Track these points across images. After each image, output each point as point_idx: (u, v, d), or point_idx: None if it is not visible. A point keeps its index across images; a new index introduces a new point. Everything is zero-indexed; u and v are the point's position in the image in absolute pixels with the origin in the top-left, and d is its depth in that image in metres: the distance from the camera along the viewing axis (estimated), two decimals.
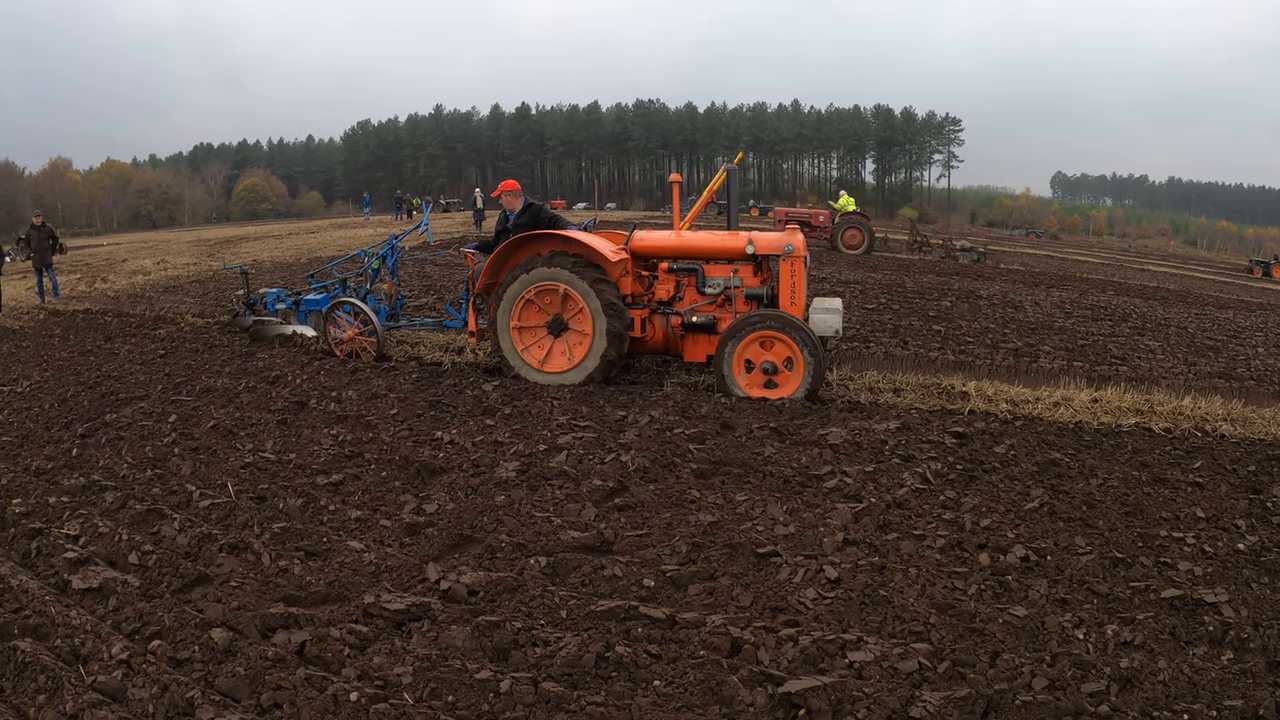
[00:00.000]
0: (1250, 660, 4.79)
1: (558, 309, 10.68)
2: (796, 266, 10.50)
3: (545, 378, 10.71)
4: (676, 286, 11.10)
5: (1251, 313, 26.77)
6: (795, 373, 10.10)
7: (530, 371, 10.81)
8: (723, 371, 10.22)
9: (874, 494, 7.05)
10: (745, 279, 10.90)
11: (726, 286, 10.86)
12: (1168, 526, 6.67)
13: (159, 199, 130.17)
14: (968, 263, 34.70)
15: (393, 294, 13.08)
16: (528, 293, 10.62)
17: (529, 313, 10.78)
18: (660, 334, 11.04)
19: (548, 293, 10.63)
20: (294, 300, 13.87)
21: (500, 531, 6.41)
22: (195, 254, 34.63)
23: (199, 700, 4.32)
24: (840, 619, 5.18)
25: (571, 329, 10.69)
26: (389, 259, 13.27)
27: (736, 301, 10.82)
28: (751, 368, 10.23)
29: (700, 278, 10.91)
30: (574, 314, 10.61)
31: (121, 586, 5.60)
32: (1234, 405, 11.07)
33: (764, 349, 10.19)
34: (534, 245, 10.80)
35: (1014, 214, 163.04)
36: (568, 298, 10.54)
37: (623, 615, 5.09)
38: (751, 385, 10.20)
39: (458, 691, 4.41)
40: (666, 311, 11.04)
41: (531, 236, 10.80)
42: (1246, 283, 48.15)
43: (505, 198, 11.74)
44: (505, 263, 10.95)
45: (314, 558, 6.06)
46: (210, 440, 8.69)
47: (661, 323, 11.02)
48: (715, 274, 10.96)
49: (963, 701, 4.27)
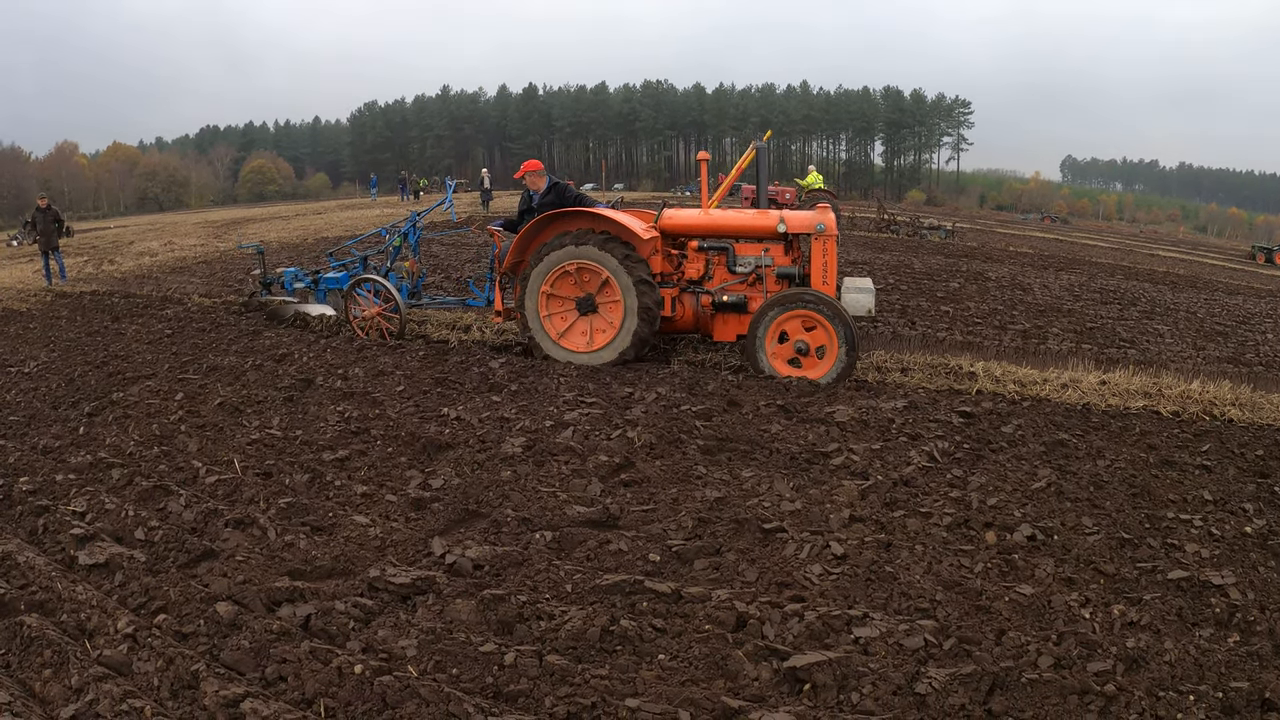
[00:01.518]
0: (1257, 643, 4.77)
1: (587, 288, 10.55)
2: (829, 245, 10.43)
3: (575, 357, 10.61)
4: (706, 265, 11.00)
5: (1261, 299, 26.69)
6: (829, 353, 10.00)
7: (559, 350, 10.70)
8: (755, 350, 10.12)
9: (881, 471, 7.03)
10: (776, 257, 10.80)
11: (758, 265, 10.75)
12: (1175, 508, 6.64)
13: (166, 182, 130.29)
14: (936, 240, 34.77)
15: (415, 272, 12.93)
16: (556, 271, 10.49)
17: (558, 291, 10.65)
18: (690, 313, 10.95)
19: (577, 271, 10.50)
20: (313, 279, 13.71)
21: (506, 506, 6.41)
22: (202, 236, 34.68)
23: (204, 673, 4.33)
24: (846, 595, 5.16)
25: (601, 308, 10.58)
26: (410, 236, 13.12)
27: (768, 280, 10.69)
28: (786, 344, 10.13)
29: (731, 256, 10.81)
30: (604, 292, 10.49)
31: (128, 562, 5.62)
32: (1242, 390, 11.04)
33: (798, 329, 10.08)
34: (562, 223, 10.71)
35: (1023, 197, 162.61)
36: (597, 276, 10.41)
37: (628, 589, 5.08)
38: (783, 364, 10.12)
39: (462, 664, 4.42)
40: (697, 290, 10.93)
41: (559, 214, 10.71)
42: (1256, 270, 48.01)
43: (529, 177, 11.64)
44: (532, 241, 10.84)
45: (320, 532, 6.07)
46: (217, 417, 8.70)
47: (692, 302, 10.93)
48: (746, 252, 10.85)
49: (968, 679, 4.26)
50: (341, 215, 44.58)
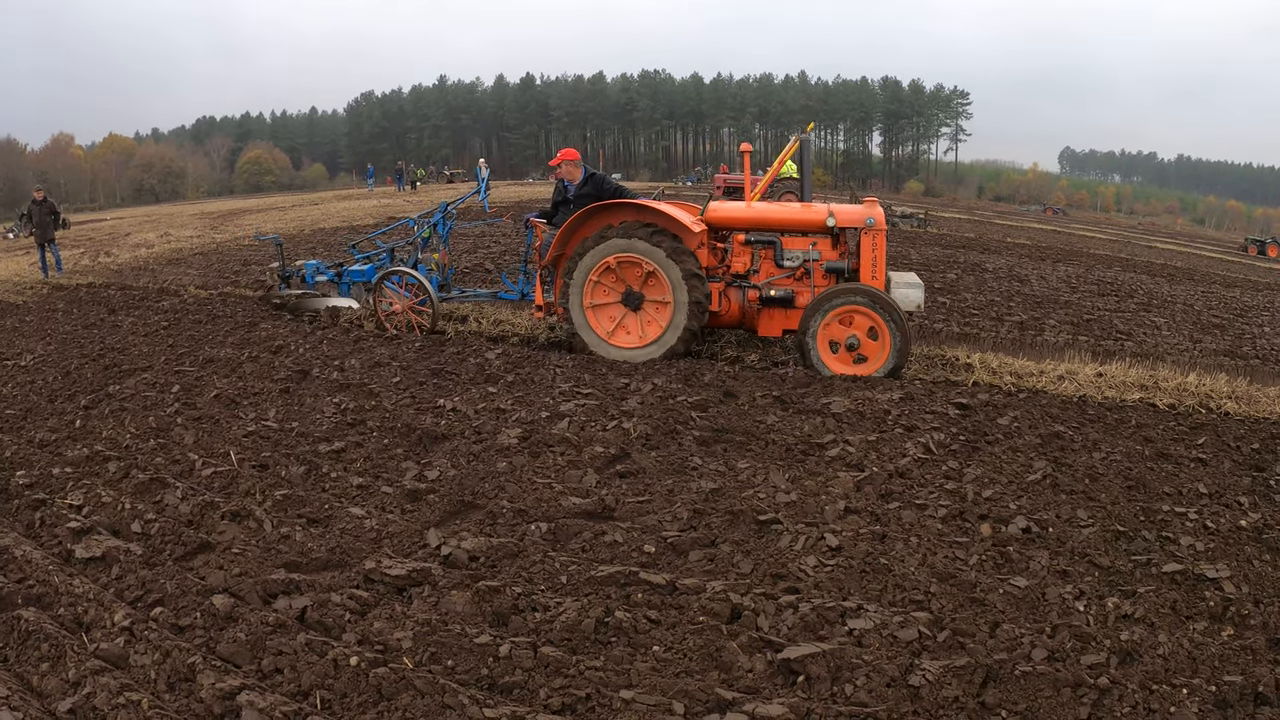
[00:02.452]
0: (1251, 636, 4.78)
1: (633, 282, 10.36)
2: (878, 240, 10.31)
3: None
4: (753, 259, 10.80)
5: (1259, 292, 26.73)
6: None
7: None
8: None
9: (876, 463, 7.04)
10: (823, 252, 10.65)
11: (806, 259, 10.59)
12: (1170, 501, 6.65)
13: (162, 173, 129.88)
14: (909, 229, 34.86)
15: (445, 264, 12.65)
16: (601, 265, 10.28)
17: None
18: (736, 307, 10.75)
19: (624, 265, 10.30)
20: (336, 272, 13.28)
21: (501, 498, 6.42)
22: (198, 227, 34.64)
23: (200, 666, 4.34)
24: (841, 587, 5.18)
25: (648, 303, 10.39)
26: (440, 227, 12.76)
27: (815, 275, 10.54)
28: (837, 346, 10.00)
29: (778, 250, 10.65)
30: (651, 287, 10.31)
31: (124, 555, 5.62)
32: (1239, 383, 11.05)
33: (848, 324, 9.96)
34: (605, 216, 10.45)
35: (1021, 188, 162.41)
36: (645, 270, 10.21)
37: (623, 581, 5.09)
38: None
39: (457, 656, 4.43)
40: (743, 285, 10.74)
41: (603, 207, 10.48)
42: (1253, 262, 48.07)
43: (565, 167, 11.47)
44: (574, 234, 10.59)
45: (315, 524, 6.08)
46: (213, 410, 8.70)
47: (737, 296, 10.73)
48: (793, 246, 10.69)
49: (962, 670, 4.27)
50: (339, 206, 44.52)
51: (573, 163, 11.46)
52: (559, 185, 11.73)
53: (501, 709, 3.99)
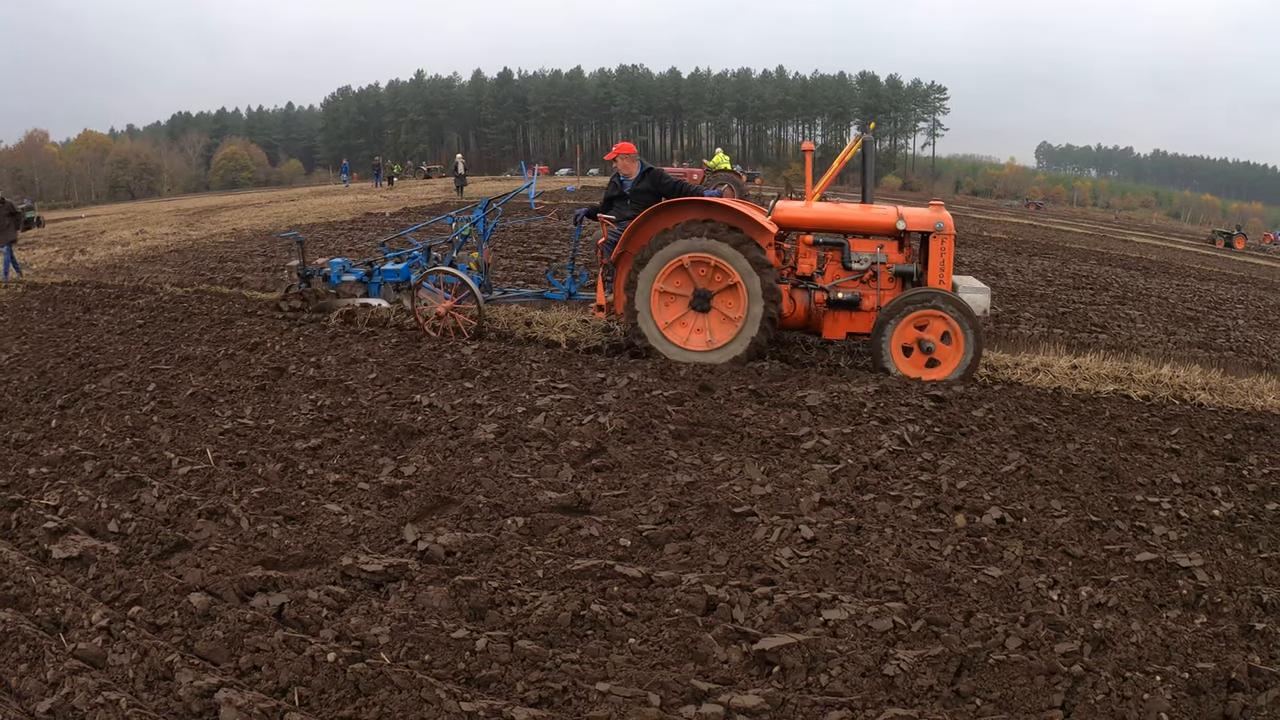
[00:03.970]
0: (1224, 624, 4.84)
1: (703, 283, 10.04)
2: (947, 244, 10.17)
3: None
4: (819, 261, 10.55)
5: (1233, 285, 26.92)
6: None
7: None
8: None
9: (851, 455, 7.07)
10: (890, 255, 10.45)
11: (874, 262, 10.38)
12: (1144, 491, 6.71)
13: (137, 170, 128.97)
14: None
15: (489, 263, 12.20)
16: (671, 265, 9.96)
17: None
18: (802, 310, 10.51)
19: (696, 265, 9.97)
20: (366, 272, 12.73)
21: (478, 493, 6.42)
22: (174, 224, 34.40)
23: (178, 664, 4.34)
24: (816, 578, 5.21)
25: (717, 305, 10.08)
26: (480, 224, 12.25)
27: (882, 278, 10.35)
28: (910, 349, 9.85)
29: (846, 252, 10.42)
30: (723, 289, 10.00)
31: (101, 555, 5.61)
32: (1213, 375, 11.15)
33: (922, 328, 9.80)
34: (671, 214, 10.13)
35: (998, 183, 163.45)
36: (717, 271, 9.91)
37: (599, 574, 5.12)
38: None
39: (434, 650, 4.44)
40: (809, 287, 10.48)
41: (668, 204, 10.14)
42: (1228, 256, 48.39)
43: (621, 161, 11.15)
44: (637, 232, 10.24)
45: (292, 521, 6.08)
46: (189, 408, 8.66)
47: (803, 298, 10.49)
48: (860, 249, 10.46)
49: (936, 660, 4.31)
50: (315, 202, 44.31)
51: (629, 156, 11.16)
52: (613, 179, 11.46)
53: (479, 703, 4.01)
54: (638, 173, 11.14)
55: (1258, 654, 4.59)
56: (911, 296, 9.70)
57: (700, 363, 9.86)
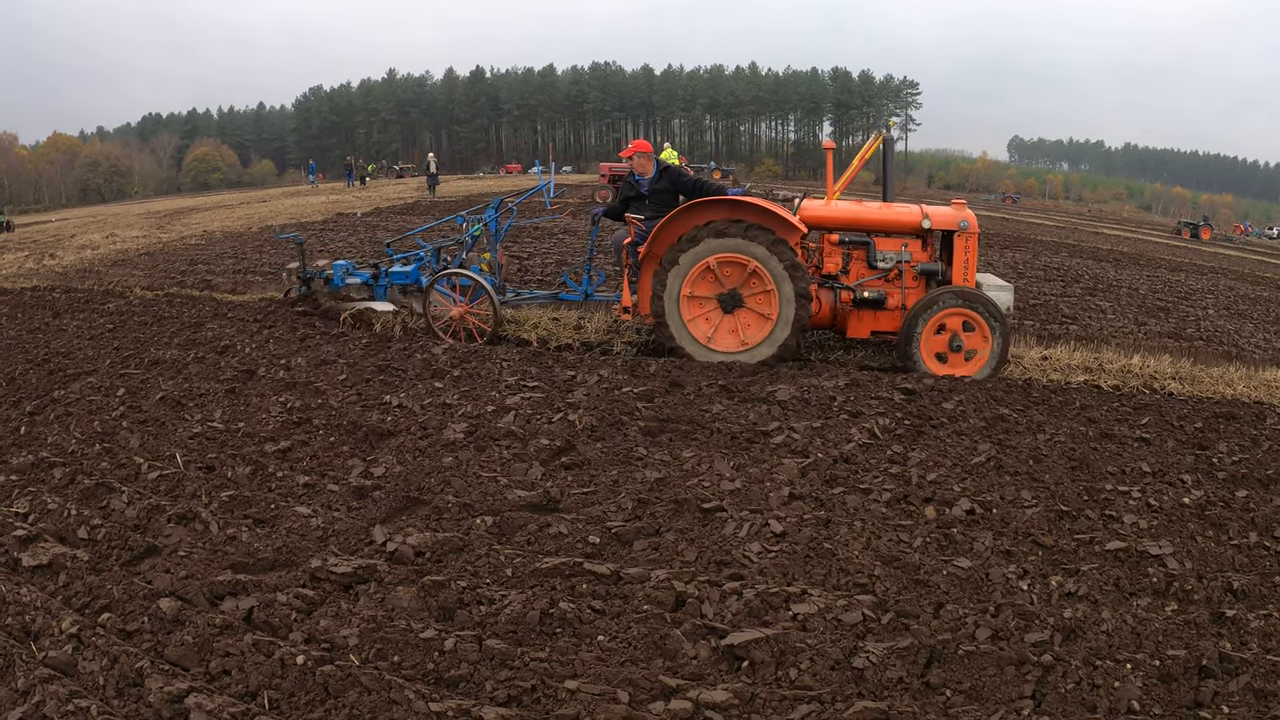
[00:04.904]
0: (1194, 611, 4.87)
1: (731, 283, 9.90)
2: (971, 243, 10.17)
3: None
4: (844, 260, 10.49)
5: (1203, 275, 27.18)
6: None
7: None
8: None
9: (821, 449, 7.08)
10: (914, 253, 10.39)
11: (899, 261, 10.32)
12: (1114, 480, 6.75)
13: (108, 172, 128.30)
14: None
15: (504, 264, 11.83)
16: (703, 265, 9.81)
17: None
18: (827, 308, 10.42)
19: (723, 265, 9.83)
20: (373, 274, 12.25)
21: (447, 492, 6.40)
22: (145, 227, 34.13)
23: (149, 670, 4.31)
24: (785, 572, 5.21)
25: (747, 305, 9.95)
26: (492, 224, 11.97)
27: (906, 277, 10.30)
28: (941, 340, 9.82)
29: (871, 251, 10.36)
30: (753, 290, 9.87)
31: (71, 562, 5.55)
32: (1183, 364, 11.23)
33: (951, 326, 9.77)
34: (697, 213, 10.02)
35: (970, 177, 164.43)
36: (746, 271, 9.79)
37: (567, 572, 5.10)
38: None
39: (403, 651, 4.42)
40: (834, 286, 10.42)
41: (695, 204, 9.98)
42: (1199, 247, 48.81)
43: (637, 159, 11.04)
44: (664, 233, 10.05)
45: (262, 524, 6.03)
46: (159, 412, 8.59)
47: (829, 297, 10.40)
48: (886, 248, 10.40)
49: (905, 652, 4.32)
50: (287, 203, 44.13)
51: (645, 155, 11.05)
52: (628, 179, 11.25)
53: (447, 703, 3.99)
54: (654, 172, 11.02)
55: (1228, 640, 4.62)
56: (940, 295, 9.70)
57: (742, 361, 9.80)
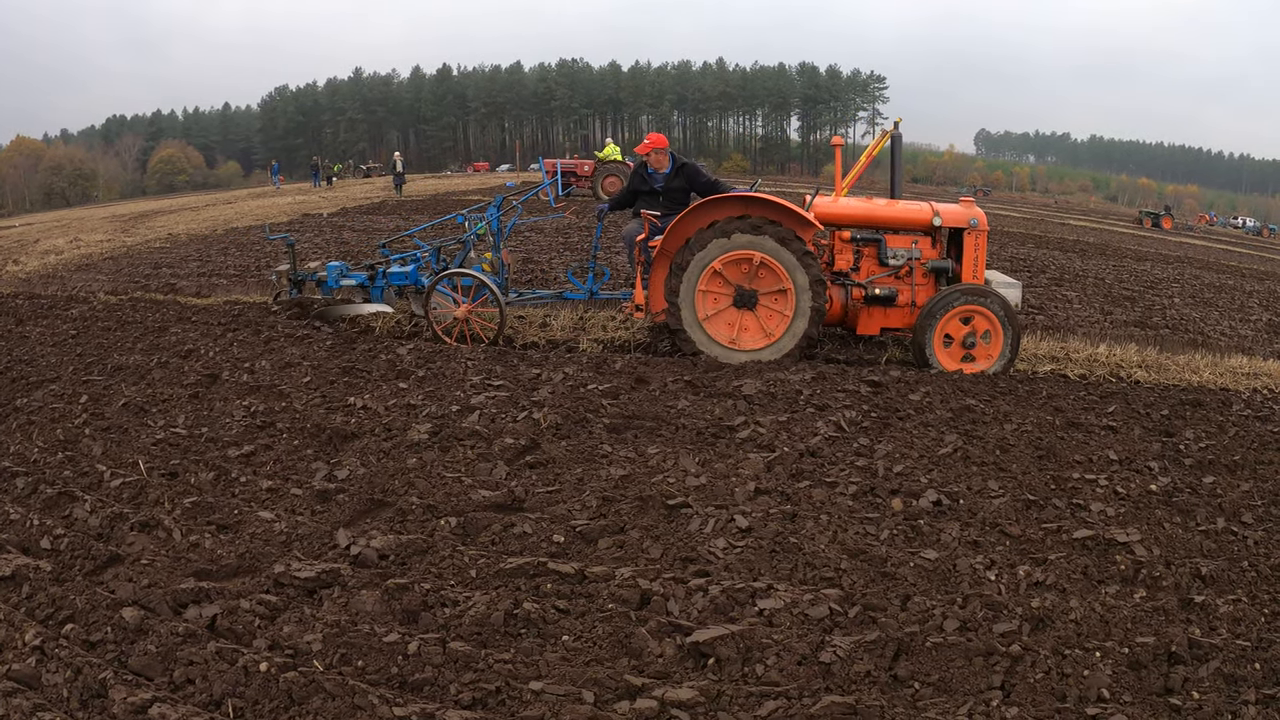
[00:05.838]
0: (1163, 598, 4.90)
1: (746, 280, 9.84)
2: (980, 240, 10.23)
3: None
4: (855, 257, 10.51)
5: (1169, 264, 27.41)
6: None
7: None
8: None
9: (787, 443, 7.08)
10: (924, 250, 10.44)
11: (910, 258, 10.36)
12: (1081, 469, 6.80)
13: (72, 175, 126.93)
14: None
15: (509, 263, 11.73)
16: (721, 261, 9.75)
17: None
18: (839, 306, 10.45)
19: (737, 263, 9.76)
20: (369, 275, 11.94)
21: (411, 494, 6.35)
22: (109, 230, 33.85)
23: (112, 681, 4.25)
24: (751, 568, 5.20)
25: (762, 303, 9.94)
26: (495, 223, 11.71)
27: (916, 274, 10.35)
28: (950, 341, 9.84)
29: (882, 248, 10.39)
30: (768, 287, 9.82)
31: (34, 573, 5.47)
32: (1149, 352, 11.34)
33: (964, 323, 9.79)
34: (711, 211, 9.89)
35: (938, 170, 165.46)
36: (764, 268, 9.73)
37: (532, 572, 5.07)
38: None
39: (367, 656, 4.38)
40: (845, 282, 10.43)
41: (709, 202, 9.90)
42: (1164, 236, 49.24)
43: (654, 155, 10.95)
44: (677, 230, 9.96)
45: (225, 530, 5.97)
46: (122, 419, 8.49)
47: (840, 294, 10.42)
48: (896, 245, 10.43)
49: (873, 645, 4.32)
50: (252, 204, 43.87)
51: (662, 150, 10.98)
52: (638, 172, 11.19)
53: (411, 707, 3.96)
54: (669, 167, 10.96)
55: (1197, 626, 4.64)
56: (953, 292, 9.73)
57: (751, 360, 9.75)
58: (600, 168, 36.83)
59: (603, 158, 37.92)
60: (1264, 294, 21.98)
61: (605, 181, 36.17)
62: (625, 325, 11.71)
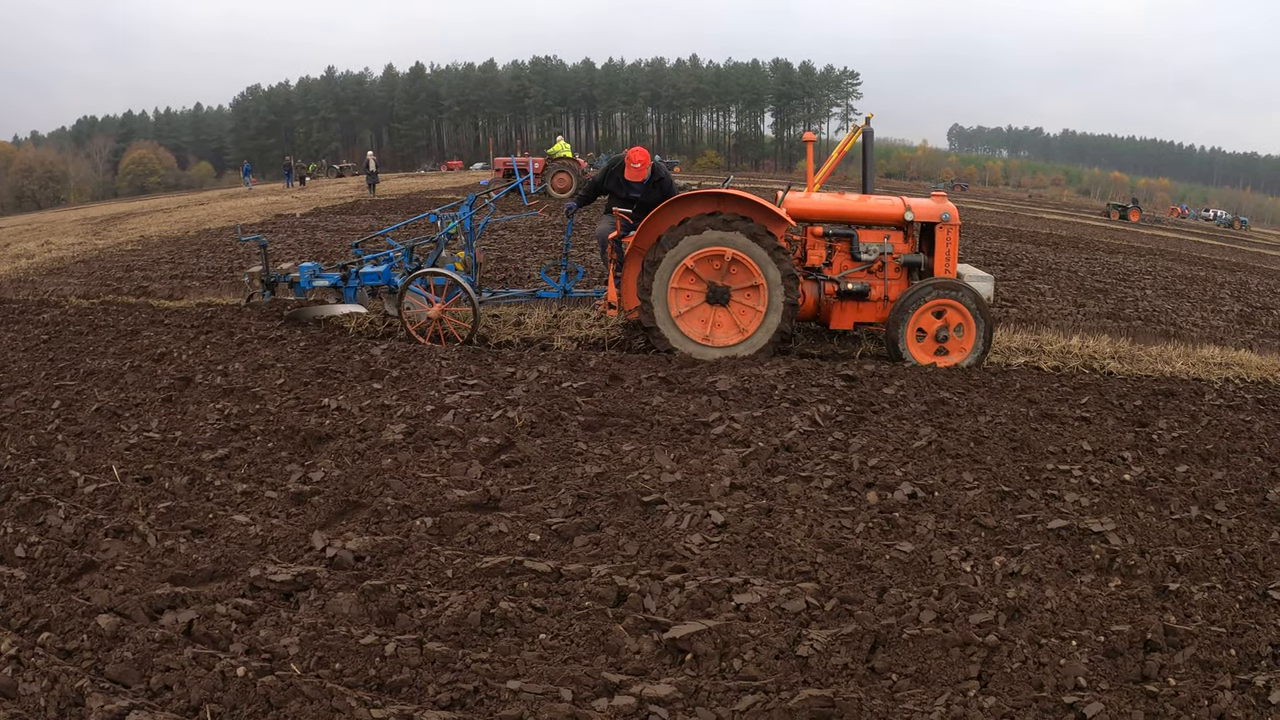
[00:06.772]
0: (1138, 586, 4.94)
1: (717, 277, 9.87)
2: (952, 235, 10.26)
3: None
4: (828, 252, 10.53)
5: (1141, 257, 27.59)
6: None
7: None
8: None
9: (762, 438, 7.10)
10: (896, 245, 10.47)
11: (882, 253, 10.40)
12: (1055, 460, 6.84)
13: (43, 178, 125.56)
14: None
15: (482, 262, 11.63)
16: (692, 258, 9.77)
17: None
18: (812, 301, 10.45)
19: (709, 260, 9.79)
20: (342, 275, 11.84)
21: (386, 495, 6.32)
22: (81, 233, 33.54)
23: (89, 689, 4.21)
24: (727, 563, 5.21)
25: (734, 299, 9.96)
26: (467, 222, 11.69)
27: (889, 268, 10.42)
28: (924, 335, 9.91)
29: (855, 243, 10.42)
30: (740, 283, 9.85)
31: (9, 581, 5.42)
32: (1121, 344, 11.42)
33: (936, 317, 9.86)
34: (682, 208, 9.95)
35: (912, 165, 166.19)
36: (734, 264, 9.82)
37: (508, 571, 5.06)
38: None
39: (344, 658, 4.36)
40: (819, 278, 10.45)
41: (681, 199, 9.95)
42: (1136, 229, 49.53)
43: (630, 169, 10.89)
44: (649, 229, 10.00)
45: (200, 535, 5.93)
46: (94, 424, 8.43)
47: (813, 289, 10.44)
48: (869, 240, 10.47)
49: (850, 638, 4.33)
50: (225, 205, 43.57)
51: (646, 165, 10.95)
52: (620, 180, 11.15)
53: (389, 708, 3.94)
54: (647, 179, 11.00)
55: (1173, 614, 4.68)
56: (926, 286, 9.79)
57: (726, 356, 9.77)
58: (550, 164, 36.97)
59: (553, 154, 38.12)
60: (1235, 285, 22.14)
61: (555, 179, 36.36)
62: (599, 323, 11.71)
